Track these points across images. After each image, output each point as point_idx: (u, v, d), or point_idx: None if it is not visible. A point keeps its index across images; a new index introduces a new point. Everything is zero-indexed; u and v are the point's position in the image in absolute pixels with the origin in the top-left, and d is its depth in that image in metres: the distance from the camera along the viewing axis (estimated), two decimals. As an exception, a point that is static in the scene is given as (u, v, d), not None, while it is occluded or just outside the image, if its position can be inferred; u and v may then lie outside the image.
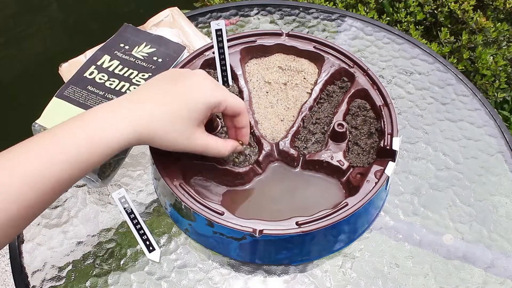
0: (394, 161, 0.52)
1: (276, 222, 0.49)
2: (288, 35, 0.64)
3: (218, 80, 0.61)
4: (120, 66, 0.61)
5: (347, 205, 0.50)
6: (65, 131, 0.42)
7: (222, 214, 0.49)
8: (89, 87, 0.59)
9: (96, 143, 0.42)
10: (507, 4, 1.07)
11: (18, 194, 0.38)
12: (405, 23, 1.06)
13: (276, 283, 0.53)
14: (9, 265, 0.86)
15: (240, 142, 0.53)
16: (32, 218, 0.41)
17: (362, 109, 0.59)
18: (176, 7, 0.72)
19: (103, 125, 0.43)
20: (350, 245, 0.55)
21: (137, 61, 0.62)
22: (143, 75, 0.60)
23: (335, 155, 0.55)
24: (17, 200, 0.38)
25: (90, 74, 0.60)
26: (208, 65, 0.62)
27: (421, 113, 0.67)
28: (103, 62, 0.61)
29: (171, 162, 0.53)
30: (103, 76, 0.60)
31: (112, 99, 0.58)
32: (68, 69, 0.64)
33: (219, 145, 0.50)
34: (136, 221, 0.56)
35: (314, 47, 0.63)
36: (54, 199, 0.41)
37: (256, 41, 0.63)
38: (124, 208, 0.57)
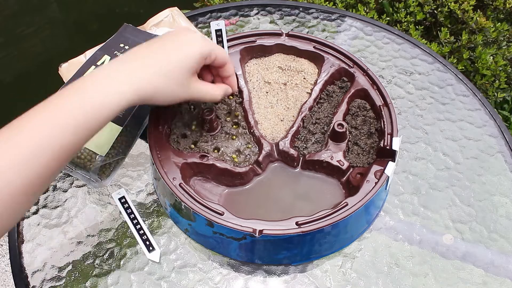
0: (394, 161, 0.52)
1: (276, 222, 0.49)
2: (288, 35, 0.64)
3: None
4: (120, 66, 0.61)
5: (347, 205, 0.50)
6: (67, 99, 0.42)
7: (222, 214, 0.49)
8: (89, 87, 0.59)
9: (98, 108, 0.42)
10: (507, 4, 1.06)
11: (22, 166, 0.39)
12: (405, 23, 1.06)
13: (276, 283, 0.53)
14: (9, 265, 0.86)
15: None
16: (41, 190, 0.41)
17: (362, 109, 0.59)
18: (176, 7, 0.72)
19: (104, 90, 0.43)
20: (350, 245, 0.55)
21: (137, 61, 0.62)
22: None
23: (335, 155, 0.55)
24: (22, 173, 0.39)
25: (90, 74, 0.60)
26: (208, 65, 0.62)
27: (421, 113, 0.67)
28: (103, 62, 0.61)
29: (171, 162, 0.53)
30: (103, 76, 0.60)
31: (112, 99, 0.58)
32: (68, 69, 0.64)
33: (213, 89, 0.53)
34: (136, 221, 0.56)
35: (314, 47, 0.63)
36: (59, 169, 0.42)
37: (256, 41, 0.63)
38: (124, 208, 0.57)
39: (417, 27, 1.08)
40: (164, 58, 0.47)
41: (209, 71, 0.55)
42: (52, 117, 0.41)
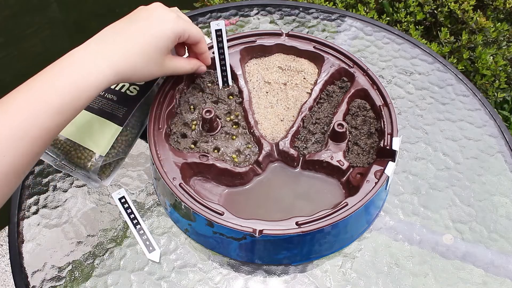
0: (394, 161, 0.52)
1: (276, 222, 0.49)
2: (288, 35, 0.64)
3: (218, 80, 0.61)
4: (120, 66, 0.61)
5: (347, 205, 0.50)
6: (48, 79, 0.43)
7: (222, 214, 0.49)
8: (89, 87, 0.59)
9: (79, 88, 0.44)
10: (507, 4, 1.06)
11: (8, 147, 0.40)
12: (405, 23, 1.06)
13: (276, 283, 0.53)
14: (9, 265, 0.86)
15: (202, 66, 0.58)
16: (25, 170, 0.42)
17: (362, 109, 0.59)
18: (176, 7, 0.72)
19: (85, 70, 0.44)
20: (350, 245, 0.55)
21: (137, 61, 0.62)
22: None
23: (335, 155, 0.55)
24: (8, 153, 0.40)
25: (90, 74, 0.60)
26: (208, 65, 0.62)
27: (421, 113, 0.67)
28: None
29: (171, 162, 0.53)
30: (103, 76, 0.60)
31: (112, 99, 0.58)
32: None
33: (186, 64, 0.55)
34: (136, 221, 0.56)
35: (314, 47, 0.63)
36: (44, 147, 0.43)
37: (256, 41, 0.63)
38: (124, 208, 0.57)
39: (417, 27, 1.08)
40: (140, 37, 0.49)
41: (182, 46, 0.57)
42: (37, 98, 0.42)
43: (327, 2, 1.06)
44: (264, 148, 0.56)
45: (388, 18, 1.08)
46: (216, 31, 0.57)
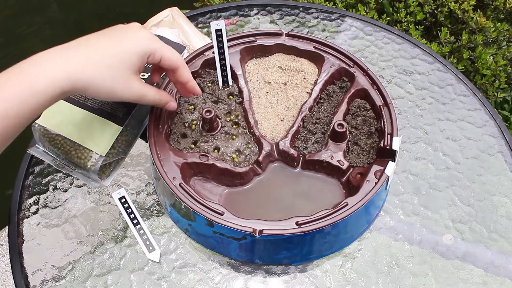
0: (394, 161, 0.52)
1: (276, 222, 0.49)
2: (288, 35, 0.64)
3: (218, 80, 0.61)
4: (120, 66, 0.61)
5: (347, 205, 0.50)
6: (0, 83, 0.41)
7: (222, 214, 0.49)
8: (89, 87, 0.59)
9: (27, 93, 0.41)
10: (507, 4, 1.06)
11: None
12: (405, 23, 1.06)
13: (276, 283, 0.53)
14: (9, 265, 0.86)
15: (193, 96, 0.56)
16: None
17: (362, 109, 0.59)
18: (176, 7, 0.72)
19: (35, 74, 0.42)
20: (350, 245, 0.55)
21: (137, 61, 0.62)
22: (143, 75, 0.60)
23: (335, 155, 0.55)
24: None
25: (90, 74, 0.60)
26: (208, 65, 0.62)
27: (421, 113, 0.67)
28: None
29: (171, 162, 0.53)
30: (103, 76, 0.60)
31: (112, 99, 0.58)
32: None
33: (153, 92, 0.51)
34: (136, 221, 0.56)
35: (314, 47, 0.63)
36: None
37: (256, 41, 0.63)
38: (124, 208, 0.57)
39: (417, 27, 1.08)
40: (102, 49, 0.46)
41: (158, 72, 0.54)
42: None
43: (327, 2, 1.06)
44: (264, 148, 0.56)
45: (388, 18, 1.08)
46: (216, 31, 0.57)
